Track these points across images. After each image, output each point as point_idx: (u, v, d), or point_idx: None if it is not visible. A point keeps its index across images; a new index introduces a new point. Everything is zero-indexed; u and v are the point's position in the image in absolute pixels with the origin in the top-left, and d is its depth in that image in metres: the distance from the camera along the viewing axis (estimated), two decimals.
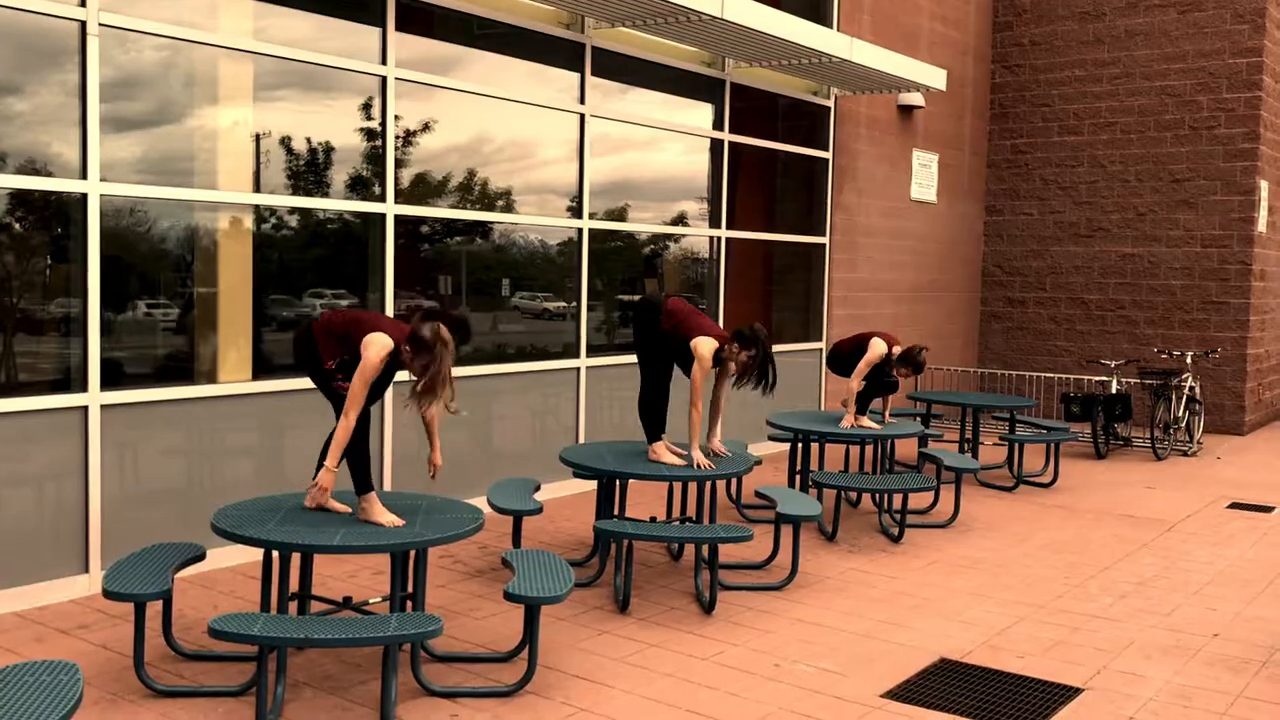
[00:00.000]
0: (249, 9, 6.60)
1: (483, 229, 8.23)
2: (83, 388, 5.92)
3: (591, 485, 8.99)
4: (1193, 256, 13.34)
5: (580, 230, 8.92)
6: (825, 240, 11.80)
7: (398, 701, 4.54)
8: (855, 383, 8.14)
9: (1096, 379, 12.54)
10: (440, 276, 7.94)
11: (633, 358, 9.21)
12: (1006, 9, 14.41)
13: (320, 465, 5.07)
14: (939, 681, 4.98)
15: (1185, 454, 11.70)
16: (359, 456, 4.89)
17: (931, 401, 10.48)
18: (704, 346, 6.27)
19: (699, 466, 6.27)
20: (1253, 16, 12.84)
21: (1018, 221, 14.51)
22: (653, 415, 6.53)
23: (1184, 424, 11.69)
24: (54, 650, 5.08)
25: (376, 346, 4.73)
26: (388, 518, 4.81)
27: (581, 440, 9.03)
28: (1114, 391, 11.69)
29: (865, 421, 8.36)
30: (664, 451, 6.47)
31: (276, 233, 6.90)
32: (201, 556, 5.03)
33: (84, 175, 5.86)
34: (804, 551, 7.23)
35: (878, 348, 8.08)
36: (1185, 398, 11.61)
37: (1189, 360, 12.16)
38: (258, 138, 6.73)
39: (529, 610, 4.79)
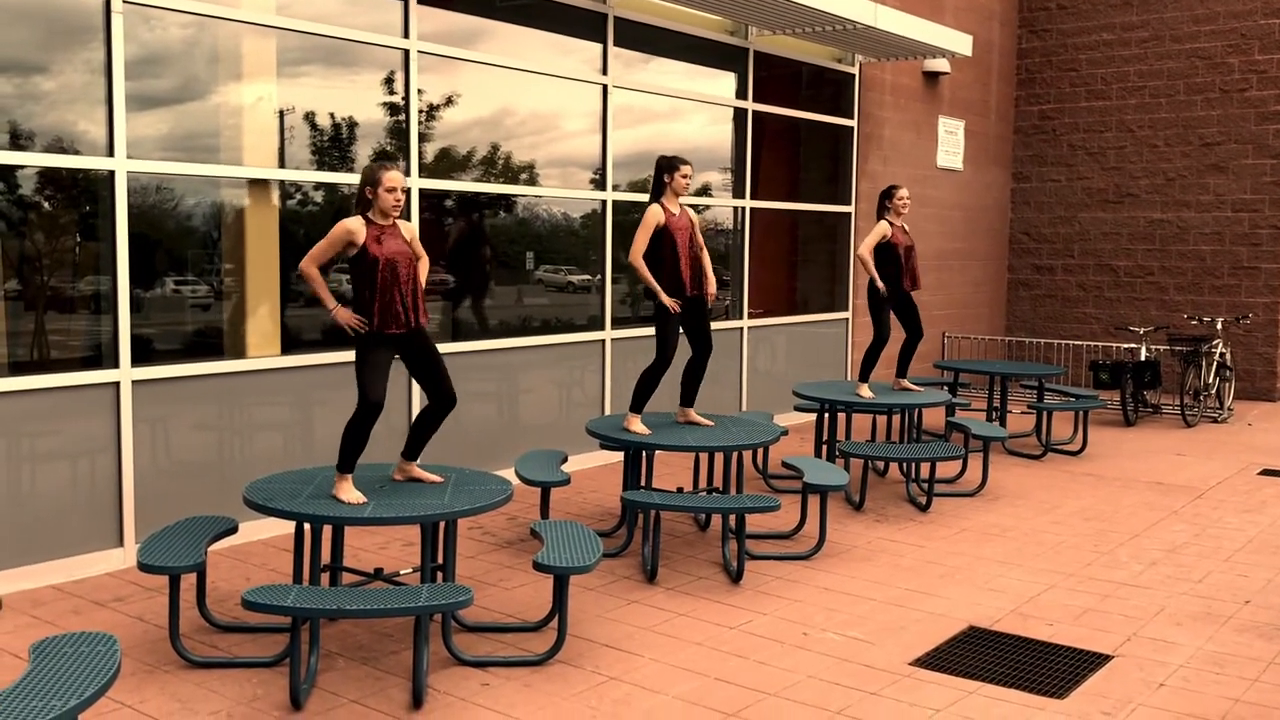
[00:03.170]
0: None
1: (506, 202, 8.23)
2: (114, 364, 5.98)
3: (618, 456, 9.02)
4: (1223, 221, 13.18)
5: (604, 202, 8.90)
6: (851, 209, 11.73)
7: (429, 671, 4.59)
8: (865, 252, 8.21)
9: (1125, 346, 12.44)
10: (464, 250, 7.95)
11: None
12: None
13: (408, 443, 5.18)
14: (968, 649, 4.98)
15: (1215, 421, 11.60)
16: (356, 439, 4.90)
17: (959, 370, 10.43)
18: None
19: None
20: None
21: (1045, 188, 14.37)
22: (648, 390, 6.67)
23: (1214, 390, 11.59)
24: (91, 622, 5.15)
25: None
26: (352, 496, 4.84)
27: (607, 412, 9.05)
28: (1143, 358, 11.60)
29: (906, 385, 8.52)
30: (637, 423, 6.58)
31: (302, 208, 6.92)
32: (234, 529, 5.08)
33: (111, 153, 5.90)
34: (831, 521, 7.24)
35: (879, 229, 8.22)
36: (1215, 364, 11.50)
37: (1219, 326, 12.04)
38: (282, 113, 6.74)
39: (558, 580, 4.82)
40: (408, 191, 4.69)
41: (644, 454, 6.78)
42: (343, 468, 4.90)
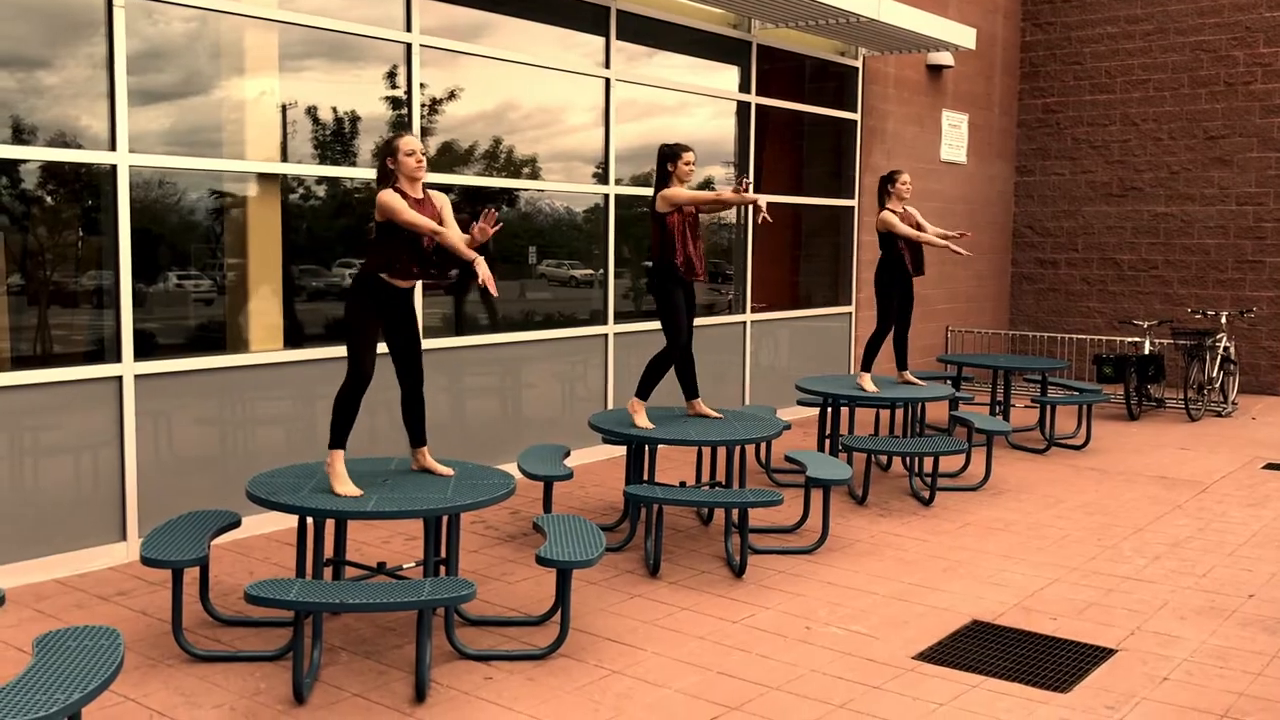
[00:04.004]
0: None
1: (509, 196, 8.23)
2: (116, 358, 5.98)
3: (621, 450, 9.02)
4: (1227, 215, 13.15)
5: (607, 196, 8.89)
6: (854, 203, 11.71)
7: (432, 665, 4.59)
8: (917, 233, 8.17)
9: (1129, 340, 12.41)
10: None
11: (659, 324, 9.20)
12: None
13: (410, 435, 5.24)
14: (971, 643, 4.98)
15: (1219, 415, 11.59)
16: (348, 411, 4.91)
17: (962, 364, 10.42)
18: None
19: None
20: None
21: (1049, 182, 14.35)
22: (657, 377, 6.67)
23: (1218, 384, 11.57)
24: (94, 616, 5.16)
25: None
26: (345, 487, 4.83)
27: (610, 406, 9.05)
28: (1147, 352, 11.58)
29: (909, 377, 8.52)
30: (642, 414, 6.59)
31: (305, 203, 6.92)
32: (237, 524, 5.09)
33: (113, 147, 5.89)
34: (834, 515, 7.23)
35: (887, 219, 8.15)
36: (1220, 358, 11.48)
37: (1223, 320, 12.02)
38: (284, 108, 6.74)
39: (561, 574, 4.82)
40: (427, 154, 4.76)
41: (647, 448, 6.78)
42: (335, 443, 4.91)
